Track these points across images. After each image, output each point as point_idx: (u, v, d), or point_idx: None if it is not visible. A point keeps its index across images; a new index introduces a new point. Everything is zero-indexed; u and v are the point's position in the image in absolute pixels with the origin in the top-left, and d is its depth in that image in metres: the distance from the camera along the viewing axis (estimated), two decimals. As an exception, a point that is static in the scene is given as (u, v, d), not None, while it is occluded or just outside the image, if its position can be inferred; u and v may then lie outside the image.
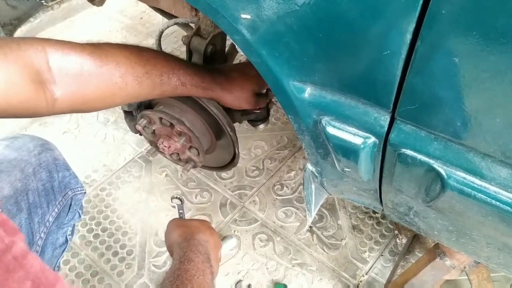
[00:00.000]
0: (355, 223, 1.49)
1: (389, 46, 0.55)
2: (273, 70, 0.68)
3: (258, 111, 1.11)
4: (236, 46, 0.71)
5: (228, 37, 0.83)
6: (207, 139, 1.10)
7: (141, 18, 2.26)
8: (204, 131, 1.08)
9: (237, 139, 1.08)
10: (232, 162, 1.20)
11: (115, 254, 1.42)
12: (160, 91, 0.84)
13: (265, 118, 1.15)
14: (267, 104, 1.12)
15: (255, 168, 1.65)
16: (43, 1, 1.44)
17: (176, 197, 1.14)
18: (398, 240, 1.44)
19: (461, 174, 0.62)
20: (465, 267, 1.09)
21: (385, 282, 1.33)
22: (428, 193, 0.67)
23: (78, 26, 2.23)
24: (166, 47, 2.09)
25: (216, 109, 1.01)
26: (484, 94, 0.53)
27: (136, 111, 1.18)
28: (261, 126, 1.17)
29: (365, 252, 1.43)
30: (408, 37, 0.53)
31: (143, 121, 1.08)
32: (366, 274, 1.38)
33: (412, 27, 0.52)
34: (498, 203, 0.61)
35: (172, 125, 1.05)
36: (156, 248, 1.43)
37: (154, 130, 1.10)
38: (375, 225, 1.49)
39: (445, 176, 0.63)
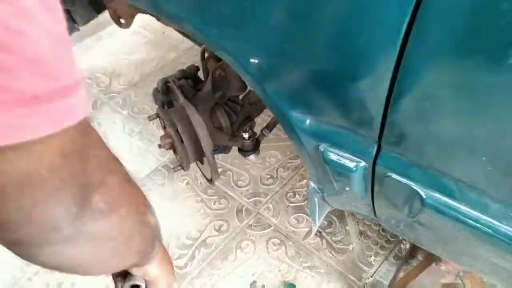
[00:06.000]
0: (362, 229, 1.60)
1: (372, 91, 0.66)
2: (277, 103, 0.80)
3: (248, 141, 1.25)
4: (246, 82, 0.83)
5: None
6: (195, 150, 1.26)
7: (163, 33, 2.40)
8: (193, 143, 1.23)
9: (214, 161, 1.24)
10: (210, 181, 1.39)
11: (141, 255, 1.56)
12: None
13: (254, 150, 1.29)
14: (258, 137, 1.27)
15: (269, 176, 1.77)
16: (75, 25, 1.59)
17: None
18: (402, 246, 1.54)
19: (437, 195, 0.73)
20: (459, 272, 1.19)
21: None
22: (411, 210, 0.78)
23: (105, 41, 2.39)
24: (186, 61, 2.23)
25: (201, 129, 1.16)
26: (454, 133, 0.64)
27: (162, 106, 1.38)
28: (251, 157, 1.30)
29: (371, 256, 1.53)
30: (387, 83, 0.64)
31: (154, 116, 1.28)
32: (371, 277, 1.48)
33: (389, 76, 0.63)
34: (468, 220, 0.71)
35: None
36: (178, 250, 1.56)
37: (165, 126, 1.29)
38: (381, 231, 1.59)
39: (424, 197, 0.74)
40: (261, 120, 1.78)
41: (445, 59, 0.57)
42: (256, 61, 0.76)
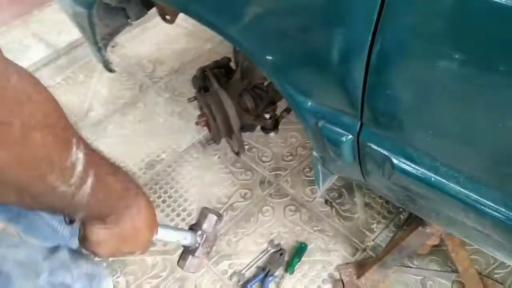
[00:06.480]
0: (368, 201, 1.84)
1: (353, 84, 0.91)
2: (287, 89, 1.06)
3: (269, 121, 1.51)
4: (263, 73, 1.09)
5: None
6: (225, 128, 1.53)
7: (201, 26, 2.68)
8: (224, 121, 1.51)
9: (241, 137, 1.50)
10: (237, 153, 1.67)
11: (178, 215, 1.86)
12: None
13: (273, 128, 1.55)
14: (278, 118, 1.53)
15: (289, 154, 2.03)
16: (129, 20, 1.88)
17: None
18: (401, 216, 1.78)
19: (403, 160, 0.97)
20: (441, 234, 1.42)
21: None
22: (384, 172, 1.03)
23: (150, 31, 2.69)
24: (221, 51, 2.50)
25: (231, 110, 1.43)
26: (410, 116, 0.88)
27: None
28: (271, 134, 1.58)
29: (374, 224, 1.78)
30: (362, 78, 0.88)
31: (192, 99, 1.58)
32: (372, 241, 1.73)
33: (363, 72, 0.87)
34: (425, 178, 0.95)
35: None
36: (209, 212, 1.86)
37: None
38: (384, 204, 1.83)
39: (394, 161, 0.98)
40: (284, 104, 2.04)
41: (396, 66, 0.82)
42: (271, 58, 1.01)
